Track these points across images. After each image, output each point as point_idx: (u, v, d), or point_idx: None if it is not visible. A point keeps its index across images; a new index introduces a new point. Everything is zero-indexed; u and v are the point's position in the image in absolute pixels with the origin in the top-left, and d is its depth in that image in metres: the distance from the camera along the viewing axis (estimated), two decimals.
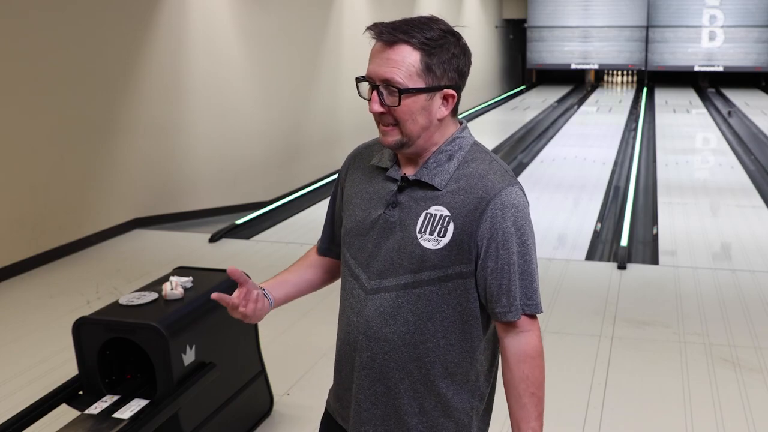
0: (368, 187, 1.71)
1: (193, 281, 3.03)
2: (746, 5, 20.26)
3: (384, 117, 1.60)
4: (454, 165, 1.64)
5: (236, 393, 3.18)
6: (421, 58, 1.57)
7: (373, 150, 1.77)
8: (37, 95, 5.59)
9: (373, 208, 1.68)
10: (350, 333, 1.69)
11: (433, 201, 1.62)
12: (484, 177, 1.62)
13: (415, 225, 1.62)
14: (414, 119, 1.59)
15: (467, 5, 17.30)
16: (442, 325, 1.63)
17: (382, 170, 1.71)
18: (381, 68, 1.57)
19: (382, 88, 1.58)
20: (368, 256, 1.67)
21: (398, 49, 1.56)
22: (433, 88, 1.59)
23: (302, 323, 4.61)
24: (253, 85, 7.87)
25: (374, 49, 1.60)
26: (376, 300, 1.65)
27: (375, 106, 1.59)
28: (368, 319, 1.65)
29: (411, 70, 1.57)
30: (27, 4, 5.44)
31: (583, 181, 9.16)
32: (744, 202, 7.91)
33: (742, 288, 5.19)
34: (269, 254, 5.97)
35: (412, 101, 1.58)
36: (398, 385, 1.65)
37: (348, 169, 1.80)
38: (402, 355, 1.64)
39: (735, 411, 3.54)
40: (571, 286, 5.21)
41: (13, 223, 5.47)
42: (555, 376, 3.96)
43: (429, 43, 1.57)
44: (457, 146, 1.65)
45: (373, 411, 1.68)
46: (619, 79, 22.70)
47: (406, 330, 1.63)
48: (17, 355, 4.18)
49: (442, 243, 1.59)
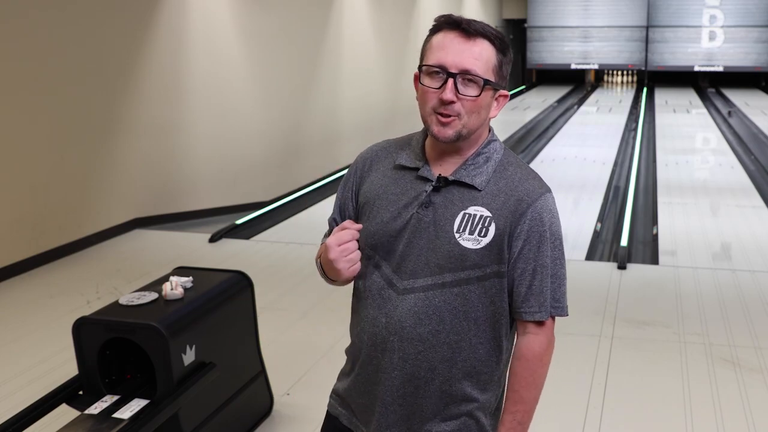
0: (394, 188, 1.70)
1: (193, 281, 3.03)
2: (746, 5, 20.27)
3: (450, 107, 1.60)
4: (491, 167, 1.67)
5: (236, 393, 3.18)
6: (496, 55, 1.62)
7: (391, 151, 1.76)
8: (37, 95, 5.59)
9: (402, 208, 1.67)
10: (377, 334, 1.67)
11: (471, 201, 1.63)
12: (524, 181, 1.66)
13: (452, 225, 1.63)
14: (479, 113, 1.62)
15: (467, 5, 17.30)
16: (475, 323, 1.65)
17: (409, 170, 1.70)
18: (462, 58, 1.59)
19: (458, 78, 1.59)
20: (399, 257, 1.66)
21: (479, 43, 1.60)
22: (500, 86, 1.65)
23: (302, 323, 4.61)
24: (253, 85, 7.87)
25: (446, 39, 1.61)
26: (410, 300, 1.64)
27: (449, 94, 1.58)
28: (401, 319, 1.64)
29: (489, 65, 1.61)
30: (27, 4, 5.44)
31: (583, 181, 9.17)
32: (744, 202, 7.91)
33: (742, 288, 5.19)
34: (269, 254, 5.97)
35: (485, 95, 1.61)
36: (428, 385, 1.66)
37: (363, 172, 1.77)
38: (435, 355, 1.64)
39: (735, 411, 3.54)
40: (571, 286, 5.15)
41: (13, 223, 5.47)
42: (555, 376, 3.96)
43: (503, 43, 1.63)
44: (493, 149, 1.69)
45: (400, 413, 1.68)
46: (619, 79, 22.71)
47: (442, 329, 1.64)
48: (17, 355, 4.18)
49: (483, 243, 1.61)
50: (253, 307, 3.31)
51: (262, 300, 3.78)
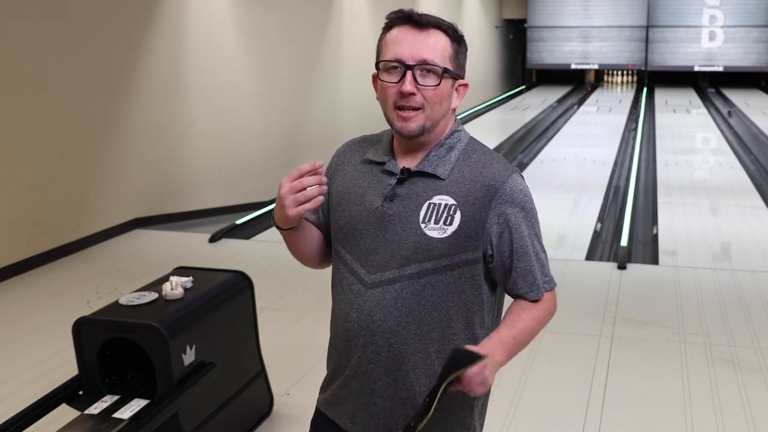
0: (362, 181, 1.71)
1: (193, 281, 3.03)
2: (746, 5, 20.26)
3: (412, 99, 1.60)
4: (455, 156, 1.67)
5: (236, 393, 3.18)
6: (451, 44, 1.63)
7: (363, 146, 1.78)
8: (37, 95, 5.58)
9: (368, 201, 1.68)
10: (350, 329, 1.68)
11: (435, 191, 1.64)
12: (488, 166, 1.66)
13: (418, 215, 1.63)
14: (441, 104, 1.63)
15: (467, 5, 17.30)
16: (447, 314, 1.64)
17: (377, 164, 1.71)
18: (418, 49, 1.60)
19: (416, 69, 1.59)
20: (366, 251, 1.67)
21: (433, 33, 1.62)
22: (458, 75, 1.65)
23: (302, 323, 4.61)
24: (253, 85, 7.87)
25: (400, 33, 1.62)
26: (378, 293, 1.64)
27: (409, 86, 1.59)
28: (370, 313, 1.65)
29: (445, 54, 1.62)
30: (28, 4, 5.44)
31: (583, 181, 9.16)
32: (744, 202, 7.91)
33: (742, 288, 5.19)
34: (269, 254, 5.97)
35: (444, 84, 1.62)
36: (405, 377, 1.66)
37: (336, 166, 1.79)
38: (407, 347, 1.65)
39: (735, 411, 3.54)
40: (571, 286, 5.20)
41: (12, 223, 5.46)
42: (555, 376, 3.97)
43: (455, 33, 1.64)
44: (456, 139, 1.70)
45: (382, 405, 1.69)
46: (619, 79, 22.70)
47: (411, 321, 1.64)
48: (17, 355, 4.18)
49: (449, 231, 1.61)
50: (253, 307, 3.31)
51: (262, 300, 3.78)
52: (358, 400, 1.71)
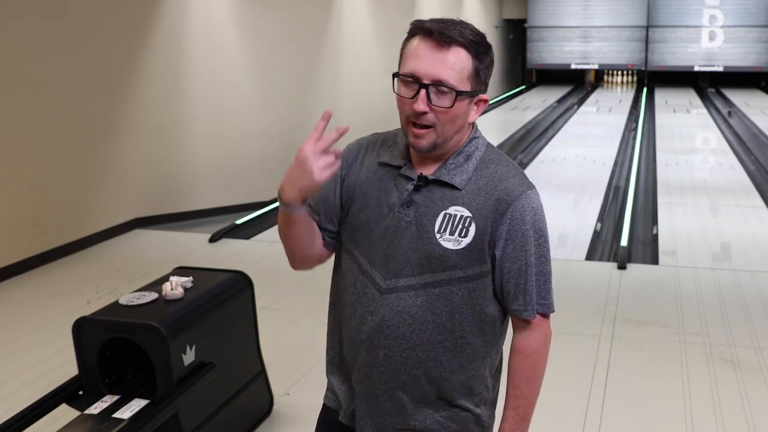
0: (379, 184, 1.68)
1: (193, 281, 3.03)
2: (746, 5, 20.27)
3: (424, 117, 1.57)
4: (472, 165, 1.64)
5: (236, 393, 3.18)
6: (472, 62, 1.58)
7: (377, 147, 1.74)
8: (37, 95, 5.58)
9: (385, 206, 1.66)
10: (362, 332, 1.68)
11: (452, 201, 1.62)
12: (504, 179, 1.63)
13: (434, 225, 1.61)
14: (454, 122, 1.59)
15: (467, 5, 17.30)
16: (460, 324, 1.64)
17: (393, 168, 1.68)
18: (435, 68, 1.55)
19: (431, 88, 1.55)
20: (382, 256, 1.65)
21: (453, 51, 1.56)
22: (477, 92, 1.60)
23: (302, 323, 4.61)
24: (253, 85, 7.87)
25: (420, 46, 1.57)
26: (393, 299, 1.64)
27: (421, 105, 1.55)
28: (385, 317, 1.64)
29: (464, 74, 1.57)
30: (28, 4, 5.44)
31: (583, 181, 9.17)
32: (744, 202, 7.91)
33: (742, 288, 5.19)
34: (269, 254, 5.97)
35: (459, 104, 1.57)
36: (416, 381, 1.66)
37: (351, 164, 1.74)
38: (420, 353, 1.64)
39: (735, 411, 3.54)
40: (571, 286, 5.21)
41: (12, 223, 5.46)
42: (555, 376, 3.96)
43: (479, 48, 1.59)
44: (474, 147, 1.67)
45: (389, 405, 1.69)
46: (619, 79, 22.70)
47: (425, 328, 1.63)
48: (17, 355, 4.18)
49: (464, 243, 1.60)
50: (253, 307, 3.31)
51: (262, 300, 3.78)
52: (368, 401, 1.71)
